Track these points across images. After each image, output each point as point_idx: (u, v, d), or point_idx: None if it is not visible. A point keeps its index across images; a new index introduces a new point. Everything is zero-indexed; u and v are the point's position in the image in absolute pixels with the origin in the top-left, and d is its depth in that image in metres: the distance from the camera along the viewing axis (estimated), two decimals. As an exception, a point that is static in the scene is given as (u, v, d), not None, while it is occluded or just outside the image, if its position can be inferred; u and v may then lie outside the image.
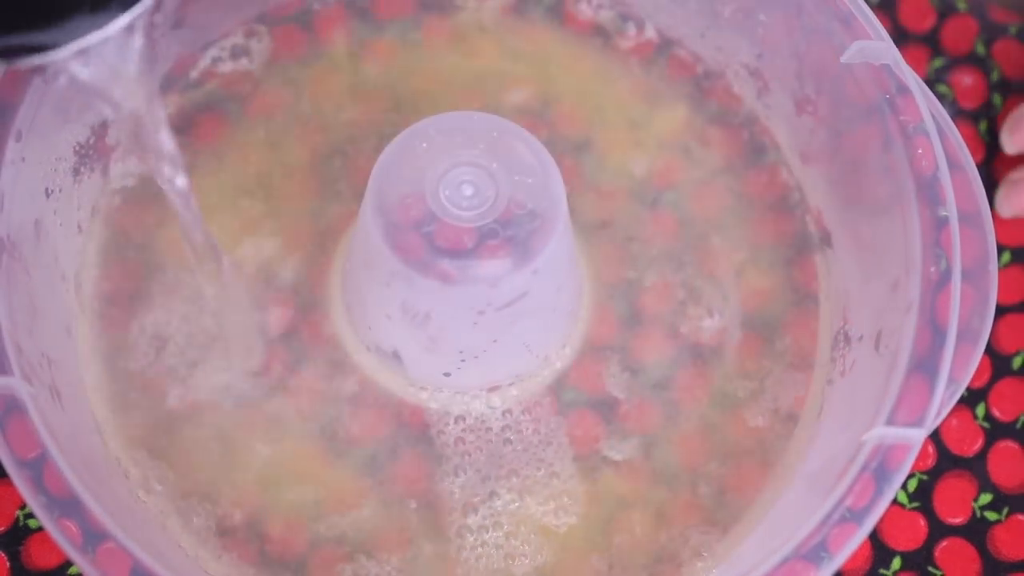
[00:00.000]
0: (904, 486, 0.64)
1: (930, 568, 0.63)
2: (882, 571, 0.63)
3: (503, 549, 0.60)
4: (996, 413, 0.66)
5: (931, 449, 0.65)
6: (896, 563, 0.64)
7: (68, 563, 0.62)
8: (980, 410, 0.66)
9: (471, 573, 0.59)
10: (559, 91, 0.67)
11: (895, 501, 0.64)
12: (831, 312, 0.63)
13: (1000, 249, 0.67)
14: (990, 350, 0.66)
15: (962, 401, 0.66)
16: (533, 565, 0.60)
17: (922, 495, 0.64)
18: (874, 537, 0.64)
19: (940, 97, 0.69)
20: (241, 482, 0.60)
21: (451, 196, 0.56)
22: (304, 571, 0.59)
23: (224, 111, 0.66)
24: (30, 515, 0.62)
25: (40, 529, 0.62)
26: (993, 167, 0.69)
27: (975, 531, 0.64)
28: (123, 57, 0.47)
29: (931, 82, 0.70)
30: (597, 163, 0.66)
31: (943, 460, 0.65)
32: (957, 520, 0.64)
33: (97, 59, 0.46)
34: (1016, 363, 0.67)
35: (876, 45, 0.58)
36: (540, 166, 0.57)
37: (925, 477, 0.65)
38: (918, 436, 0.53)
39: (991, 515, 0.64)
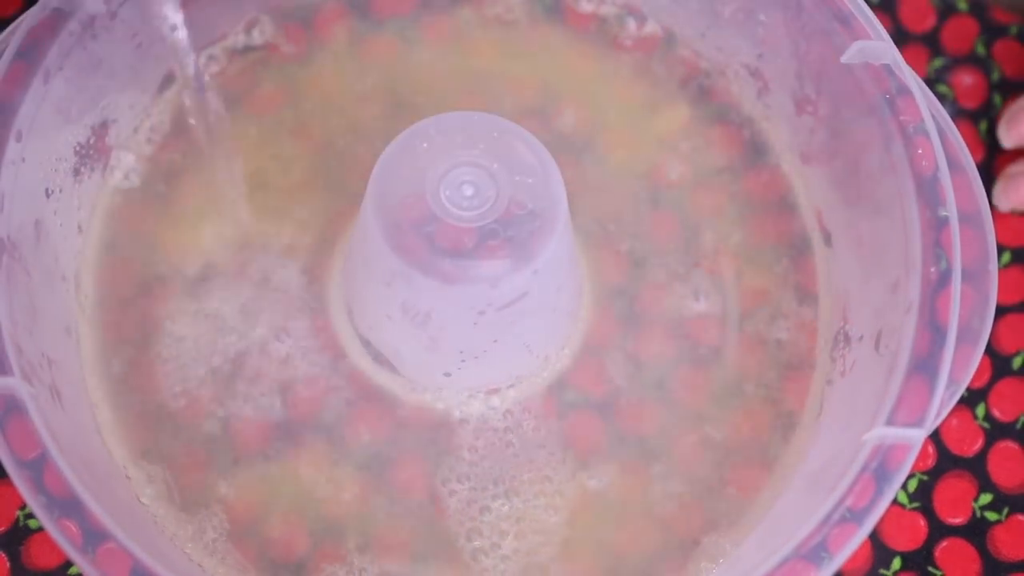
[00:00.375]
0: (904, 486, 0.64)
1: (930, 568, 0.63)
2: (882, 571, 0.63)
3: (502, 552, 0.60)
4: (996, 413, 0.66)
5: (931, 449, 0.65)
6: (896, 563, 0.64)
7: (68, 563, 0.62)
8: (980, 410, 0.66)
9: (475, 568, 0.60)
10: (559, 91, 0.67)
11: (895, 501, 0.64)
12: (831, 312, 0.63)
13: (1000, 249, 0.67)
14: (990, 350, 0.66)
15: (962, 401, 0.66)
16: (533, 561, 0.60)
17: (922, 495, 0.64)
18: (874, 537, 0.64)
19: (940, 97, 0.69)
20: (241, 482, 0.60)
21: (451, 196, 0.56)
22: (304, 571, 0.59)
23: (224, 110, 0.66)
24: (30, 515, 0.62)
25: (40, 529, 0.62)
26: (993, 167, 0.69)
27: (975, 531, 0.64)
28: None
29: (931, 82, 0.70)
30: (597, 163, 0.66)
31: (943, 460, 0.65)
32: (957, 520, 0.64)
33: None
34: (1016, 363, 0.67)
35: (876, 45, 0.58)
36: (540, 166, 0.57)
37: (925, 477, 0.65)
38: (918, 436, 0.53)
39: (991, 515, 0.64)
